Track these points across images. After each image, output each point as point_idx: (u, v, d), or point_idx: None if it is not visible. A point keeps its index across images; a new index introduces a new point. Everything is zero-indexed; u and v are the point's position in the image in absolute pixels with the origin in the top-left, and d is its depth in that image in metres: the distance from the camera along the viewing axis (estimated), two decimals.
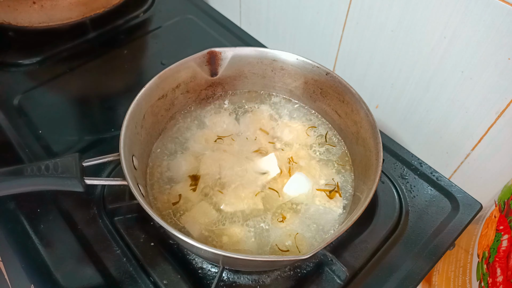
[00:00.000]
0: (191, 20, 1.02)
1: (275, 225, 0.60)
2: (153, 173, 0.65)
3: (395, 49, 0.75)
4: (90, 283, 0.58)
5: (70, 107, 0.83)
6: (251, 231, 0.59)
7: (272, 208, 0.62)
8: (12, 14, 0.86)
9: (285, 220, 0.61)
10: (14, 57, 0.91)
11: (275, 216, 0.61)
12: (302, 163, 0.67)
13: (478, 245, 0.66)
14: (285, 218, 0.61)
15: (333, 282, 0.59)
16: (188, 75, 0.69)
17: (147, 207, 0.50)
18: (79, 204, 0.66)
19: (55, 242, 0.62)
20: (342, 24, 0.82)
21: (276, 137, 0.71)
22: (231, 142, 0.70)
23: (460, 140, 0.75)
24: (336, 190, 0.63)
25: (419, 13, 0.68)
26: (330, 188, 0.64)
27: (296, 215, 0.61)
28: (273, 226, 0.60)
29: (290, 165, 0.67)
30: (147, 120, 0.64)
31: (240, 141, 0.70)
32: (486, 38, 0.62)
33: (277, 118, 0.73)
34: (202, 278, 0.59)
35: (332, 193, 0.63)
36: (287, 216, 0.61)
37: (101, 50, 0.94)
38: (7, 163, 0.61)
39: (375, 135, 0.59)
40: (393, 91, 0.81)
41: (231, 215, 0.61)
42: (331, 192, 0.63)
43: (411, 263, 0.61)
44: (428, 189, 0.70)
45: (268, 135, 0.71)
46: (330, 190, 0.64)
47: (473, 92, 0.68)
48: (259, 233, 0.59)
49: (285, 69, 0.71)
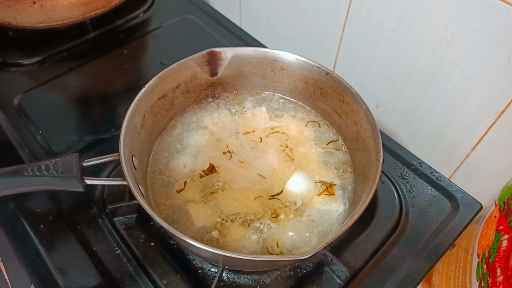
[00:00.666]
0: (191, 20, 1.02)
1: (275, 225, 0.60)
2: (153, 173, 0.65)
3: (395, 49, 0.75)
4: (90, 283, 0.59)
5: (70, 107, 0.83)
6: (251, 231, 0.59)
7: (273, 208, 0.62)
8: (12, 14, 0.86)
9: (285, 220, 0.61)
10: (14, 57, 0.91)
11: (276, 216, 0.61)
12: (302, 162, 0.67)
13: (478, 245, 0.66)
14: (285, 218, 0.61)
15: (333, 282, 0.59)
16: (188, 75, 0.69)
17: (147, 207, 0.50)
18: (79, 204, 0.66)
19: (55, 242, 0.62)
20: (342, 24, 0.82)
21: (276, 137, 0.71)
22: (231, 142, 0.70)
23: (460, 140, 0.75)
24: (332, 184, 0.63)
25: (419, 13, 0.68)
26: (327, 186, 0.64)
27: (296, 215, 0.61)
28: (273, 226, 0.60)
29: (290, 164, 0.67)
30: (147, 120, 0.64)
31: (240, 141, 0.70)
32: (486, 38, 0.62)
33: (277, 118, 0.73)
34: (202, 278, 0.59)
35: (331, 189, 0.63)
36: (288, 216, 0.61)
37: (101, 50, 0.94)
38: (7, 163, 0.61)
39: (375, 135, 0.59)
40: (393, 91, 0.81)
41: (231, 215, 0.61)
42: (329, 188, 0.63)
43: (411, 263, 0.61)
44: (428, 189, 0.70)
45: (268, 135, 0.71)
46: (329, 185, 0.63)
47: (473, 92, 0.68)
48: (260, 233, 0.59)
49: (285, 69, 0.71)
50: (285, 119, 0.73)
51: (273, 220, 0.61)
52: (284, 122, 0.73)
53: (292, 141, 0.70)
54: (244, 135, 0.71)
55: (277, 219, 0.61)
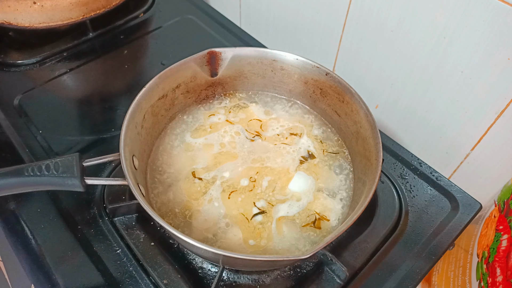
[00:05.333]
0: (191, 20, 1.02)
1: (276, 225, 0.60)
2: (153, 173, 0.65)
3: (395, 49, 0.75)
4: (90, 283, 0.59)
5: (70, 107, 0.83)
6: (252, 231, 0.59)
7: (273, 209, 0.62)
8: (12, 14, 0.86)
9: (286, 220, 0.61)
10: (14, 57, 0.91)
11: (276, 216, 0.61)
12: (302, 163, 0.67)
13: (477, 245, 0.67)
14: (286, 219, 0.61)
15: (333, 281, 0.59)
16: (188, 75, 0.69)
17: (147, 207, 0.50)
18: (79, 204, 0.67)
19: (55, 242, 0.62)
20: (342, 24, 0.82)
21: (276, 137, 0.71)
22: (232, 142, 0.70)
23: (459, 140, 0.75)
24: (323, 218, 0.61)
25: (419, 13, 0.68)
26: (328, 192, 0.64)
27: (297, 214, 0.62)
28: (273, 226, 0.60)
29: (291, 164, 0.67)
30: (148, 120, 0.64)
31: (240, 141, 0.70)
32: (486, 38, 0.62)
33: (277, 118, 0.73)
34: (202, 278, 0.60)
35: (318, 223, 0.61)
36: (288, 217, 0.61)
37: (101, 50, 0.94)
38: (7, 163, 0.61)
39: (374, 135, 0.59)
40: (392, 91, 0.81)
41: (231, 215, 0.61)
42: (317, 221, 0.61)
43: (411, 263, 0.62)
44: (428, 189, 0.70)
45: (268, 135, 0.71)
46: (318, 219, 0.61)
47: (472, 92, 0.68)
48: (261, 233, 0.59)
49: (285, 69, 0.71)
50: (284, 119, 0.73)
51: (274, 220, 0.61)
52: (284, 122, 0.73)
53: (291, 141, 0.70)
54: (244, 135, 0.71)
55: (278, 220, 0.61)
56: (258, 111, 0.74)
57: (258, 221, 0.61)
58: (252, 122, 0.72)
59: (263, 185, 0.64)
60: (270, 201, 0.63)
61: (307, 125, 0.72)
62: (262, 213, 0.61)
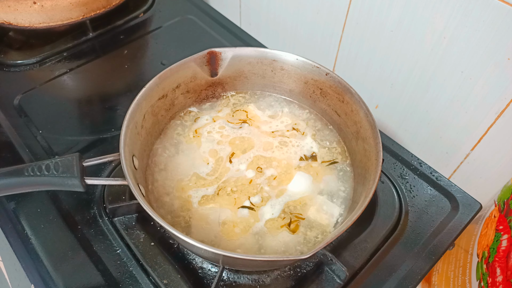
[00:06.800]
0: (191, 20, 1.02)
1: (276, 225, 0.60)
2: (153, 173, 0.65)
3: (394, 49, 0.75)
4: (90, 283, 0.59)
5: (70, 107, 0.83)
6: (252, 231, 0.59)
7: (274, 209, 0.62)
8: (12, 14, 0.86)
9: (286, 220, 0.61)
10: (14, 57, 0.91)
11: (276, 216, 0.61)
12: (302, 162, 0.67)
13: (477, 245, 0.67)
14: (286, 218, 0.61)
15: (333, 281, 0.59)
16: (188, 75, 0.69)
17: (147, 207, 0.50)
18: (79, 204, 0.67)
19: (55, 242, 0.62)
20: (342, 24, 0.82)
21: (276, 137, 0.71)
22: (232, 142, 0.70)
23: (459, 140, 0.75)
24: (299, 218, 0.61)
25: (419, 13, 0.68)
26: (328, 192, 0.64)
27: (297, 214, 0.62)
28: (274, 226, 0.60)
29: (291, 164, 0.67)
30: (147, 120, 0.64)
31: (240, 141, 0.70)
32: (486, 38, 0.62)
33: (276, 118, 0.73)
34: (202, 278, 0.60)
35: (296, 226, 0.61)
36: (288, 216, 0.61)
37: (101, 50, 0.94)
38: (7, 163, 0.61)
39: (374, 135, 0.59)
40: (392, 91, 0.81)
41: (231, 215, 0.61)
42: (295, 224, 0.61)
43: (411, 263, 0.62)
44: (428, 189, 0.70)
45: (268, 135, 0.71)
46: (295, 221, 0.61)
47: (472, 92, 0.68)
48: (261, 233, 0.59)
49: (285, 69, 0.71)
50: (284, 119, 0.73)
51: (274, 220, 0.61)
52: (284, 122, 0.73)
53: (291, 141, 0.70)
54: (244, 135, 0.71)
55: (278, 219, 0.61)
56: (258, 111, 0.74)
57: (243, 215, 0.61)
58: (252, 122, 0.72)
59: (266, 174, 0.65)
60: (264, 197, 0.63)
61: (306, 125, 0.72)
62: (250, 209, 0.61)
